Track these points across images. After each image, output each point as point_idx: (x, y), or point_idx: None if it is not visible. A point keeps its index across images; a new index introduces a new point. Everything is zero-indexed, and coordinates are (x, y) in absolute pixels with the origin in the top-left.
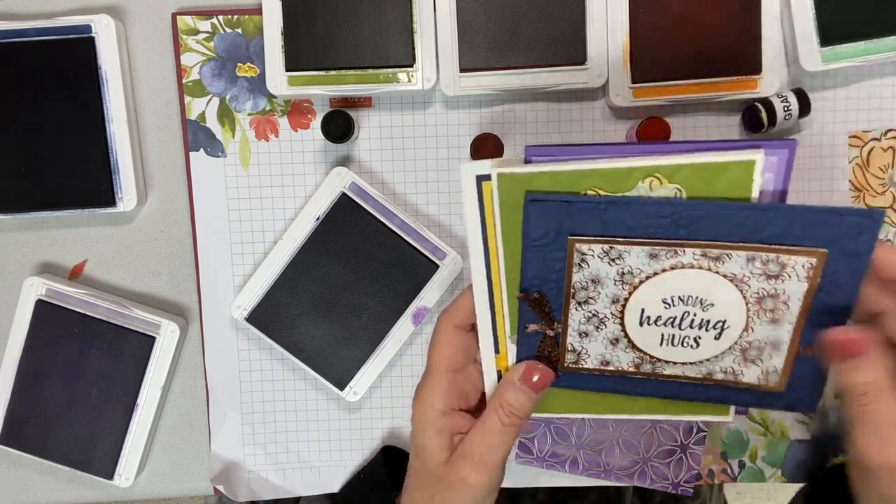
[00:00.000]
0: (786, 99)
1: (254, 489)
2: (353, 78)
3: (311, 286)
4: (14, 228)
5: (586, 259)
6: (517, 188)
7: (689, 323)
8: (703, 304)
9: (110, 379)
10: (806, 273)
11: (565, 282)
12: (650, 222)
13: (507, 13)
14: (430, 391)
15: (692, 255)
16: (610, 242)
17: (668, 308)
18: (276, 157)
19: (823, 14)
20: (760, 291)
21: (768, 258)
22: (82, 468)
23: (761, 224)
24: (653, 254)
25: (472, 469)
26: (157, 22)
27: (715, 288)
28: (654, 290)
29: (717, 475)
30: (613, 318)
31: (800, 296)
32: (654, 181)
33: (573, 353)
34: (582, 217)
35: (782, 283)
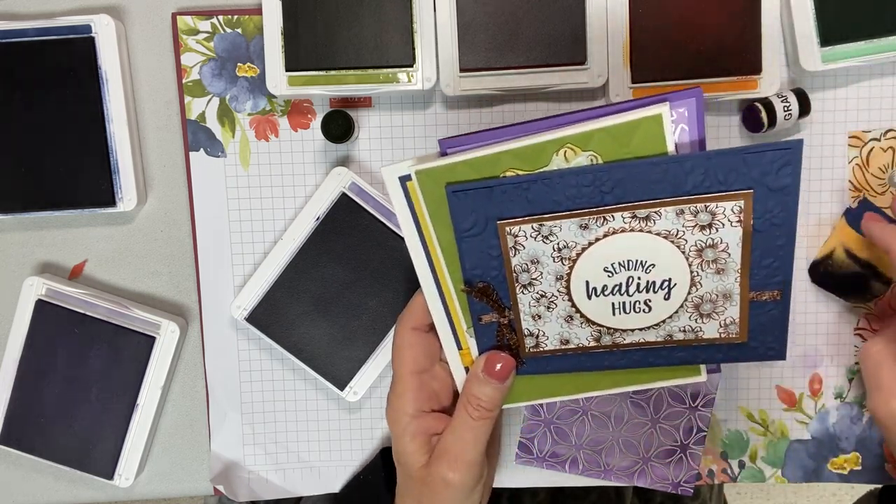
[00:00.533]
0: (786, 99)
1: (254, 489)
2: (353, 78)
3: (311, 286)
4: (14, 228)
5: (519, 241)
6: (438, 183)
7: (635, 287)
8: (645, 266)
9: (110, 379)
10: (737, 217)
11: (506, 267)
12: (573, 193)
13: (507, 13)
14: (399, 397)
15: (622, 218)
16: (538, 220)
17: (611, 276)
18: (276, 157)
19: (823, 14)
20: (698, 244)
21: (696, 209)
22: (82, 468)
23: (682, 175)
24: (583, 224)
25: (449, 468)
26: (157, 22)
27: (652, 248)
28: (593, 261)
29: (717, 475)
30: (561, 295)
31: (737, 241)
32: (569, 152)
33: (532, 338)
34: (506, 200)
35: (717, 231)
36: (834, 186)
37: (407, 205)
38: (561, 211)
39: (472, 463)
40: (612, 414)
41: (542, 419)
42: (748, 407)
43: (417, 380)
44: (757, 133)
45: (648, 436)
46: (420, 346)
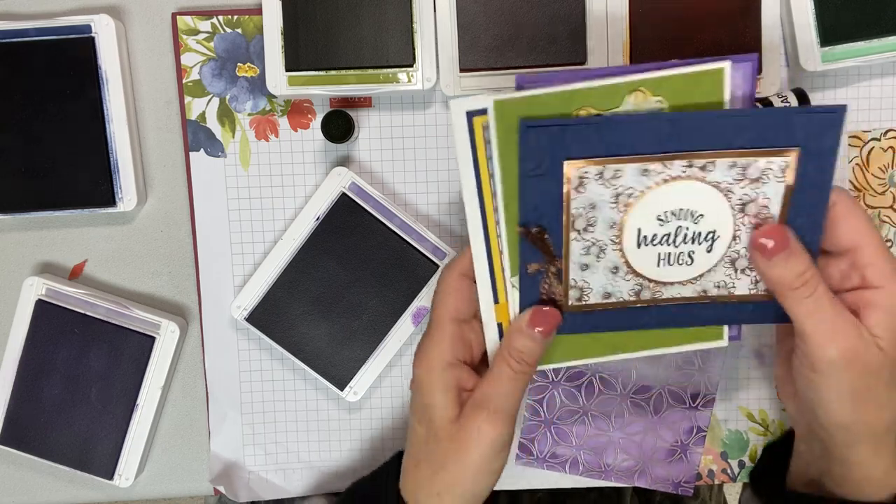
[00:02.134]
0: (786, 99)
1: (254, 489)
2: (353, 78)
3: (311, 286)
4: (14, 228)
5: (583, 182)
6: (512, 115)
7: (682, 238)
8: (694, 216)
9: (110, 379)
10: (783, 174)
11: (563, 210)
12: (638, 137)
13: (507, 13)
14: (436, 343)
15: (680, 167)
16: (604, 162)
17: (662, 224)
18: (276, 157)
19: (823, 14)
20: (743, 197)
21: (747, 162)
22: (82, 468)
23: (738, 129)
24: (644, 170)
25: (486, 420)
26: (157, 22)
27: (703, 198)
28: (647, 208)
29: (717, 475)
30: (612, 243)
31: (779, 198)
32: (639, 94)
33: (576, 290)
34: (575, 140)
35: (762, 185)
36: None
37: (470, 143)
38: (625, 154)
39: (510, 417)
40: (612, 414)
41: (542, 419)
42: (748, 407)
43: (457, 327)
44: None
45: (648, 436)
46: (465, 292)
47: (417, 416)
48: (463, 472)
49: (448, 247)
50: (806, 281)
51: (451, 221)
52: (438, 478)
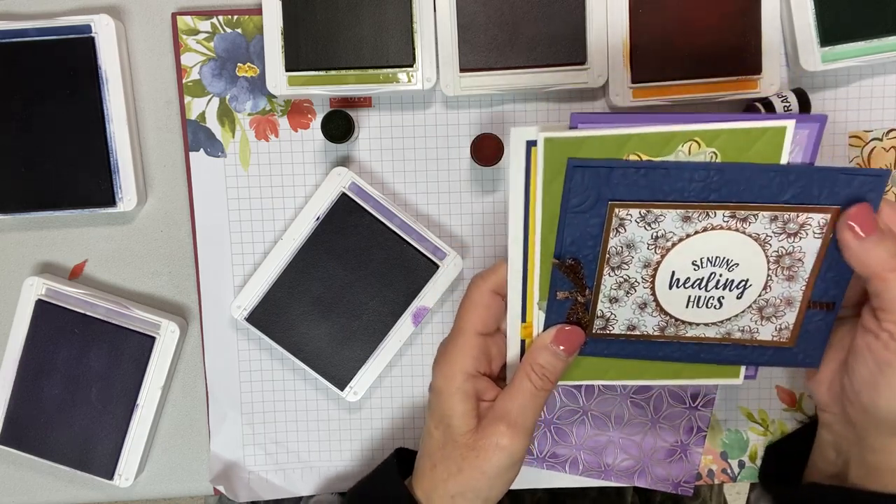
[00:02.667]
0: (786, 99)
1: (254, 489)
2: (353, 78)
3: (311, 286)
4: (14, 228)
5: (624, 224)
6: (562, 153)
7: (714, 283)
8: (729, 264)
9: (110, 379)
10: (821, 230)
11: (601, 247)
12: (685, 186)
13: (507, 13)
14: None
15: (722, 217)
16: (648, 206)
17: (696, 269)
18: (276, 157)
19: (823, 14)
20: (780, 250)
21: (789, 217)
22: (82, 468)
23: (785, 185)
24: (686, 216)
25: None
26: (157, 22)
27: (741, 248)
28: (685, 253)
29: (717, 475)
30: (644, 282)
31: (814, 252)
32: (693, 145)
33: (602, 319)
34: (621, 182)
35: (800, 240)
36: None
37: (524, 169)
38: (669, 201)
39: (528, 431)
40: (612, 414)
41: (542, 419)
42: (748, 407)
43: (482, 341)
44: None
45: (648, 436)
46: (493, 308)
47: (435, 420)
48: (478, 478)
49: (448, 247)
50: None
51: (451, 221)
52: (454, 481)
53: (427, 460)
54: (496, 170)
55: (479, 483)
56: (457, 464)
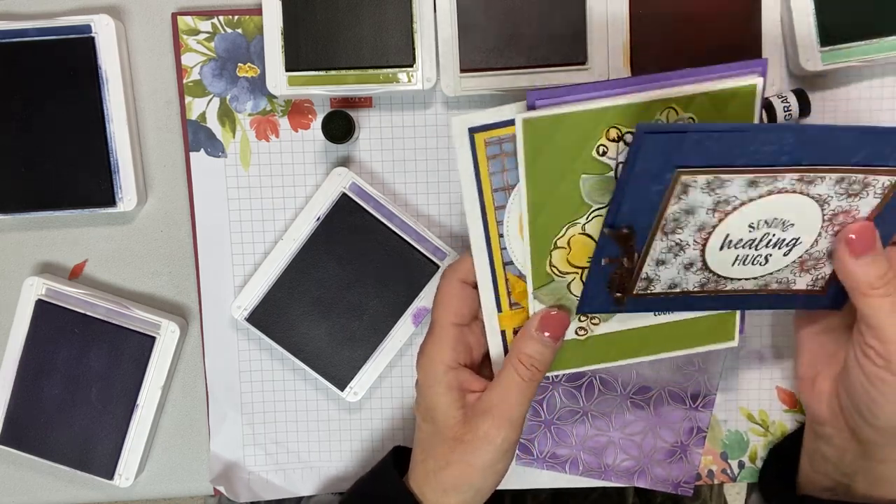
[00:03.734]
0: (786, 99)
1: (254, 489)
2: (352, 78)
3: (311, 286)
4: (14, 228)
5: (688, 191)
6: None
7: (766, 243)
8: (785, 224)
9: (110, 379)
10: (883, 190)
11: (658, 214)
12: (758, 149)
13: (507, 13)
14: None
15: (790, 180)
16: (716, 173)
17: (751, 231)
18: (276, 157)
19: (823, 14)
20: (837, 209)
21: (855, 178)
22: (82, 468)
23: (859, 146)
24: (753, 181)
25: (492, 425)
26: (157, 22)
27: (801, 209)
28: (743, 216)
29: (717, 475)
30: (695, 244)
31: (868, 210)
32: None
33: (645, 281)
34: (693, 149)
35: (859, 199)
36: None
37: (472, 158)
38: (738, 166)
39: (517, 422)
40: (612, 415)
41: (542, 420)
42: (748, 407)
43: (458, 331)
44: None
45: (648, 436)
46: (466, 298)
47: (422, 414)
48: (468, 471)
49: (448, 247)
50: (888, 282)
51: (452, 222)
52: (444, 474)
53: (419, 453)
54: None
55: (470, 475)
56: (445, 457)
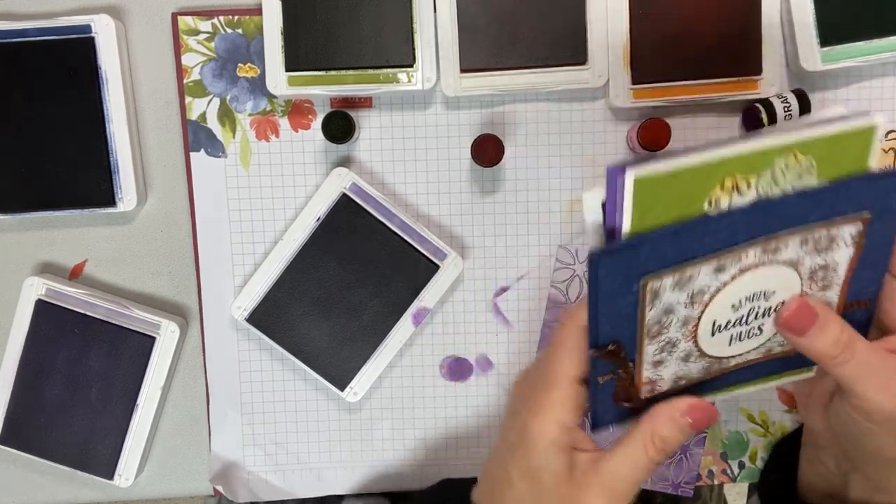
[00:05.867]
0: (786, 99)
1: (253, 490)
2: (352, 78)
3: (311, 287)
4: (14, 228)
5: (659, 295)
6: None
7: (754, 316)
8: (766, 294)
9: (110, 379)
10: (853, 239)
11: (638, 323)
12: (712, 237)
13: (507, 14)
14: (556, 405)
15: (754, 255)
16: (679, 269)
17: (736, 310)
18: (276, 157)
19: (823, 14)
20: (813, 266)
21: (819, 236)
22: (82, 468)
23: (809, 207)
24: (719, 267)
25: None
26: (157, 22)
27: (776, 277)
28: (722, 301)
29: (717, 476)
30: (685, 338)
31: (847, 259)
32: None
33: (649, 384)
34: (650, 255)
35: (832, 253)
36: None
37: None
38: (700, 255)
39: (626, 499)
40: None
41: None
42: (749, 408)
43: (577, 389)
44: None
45: None
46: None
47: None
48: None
49: (448, 248)
50: (843, 346)
51: (452, 222)
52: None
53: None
54: (496, 170)
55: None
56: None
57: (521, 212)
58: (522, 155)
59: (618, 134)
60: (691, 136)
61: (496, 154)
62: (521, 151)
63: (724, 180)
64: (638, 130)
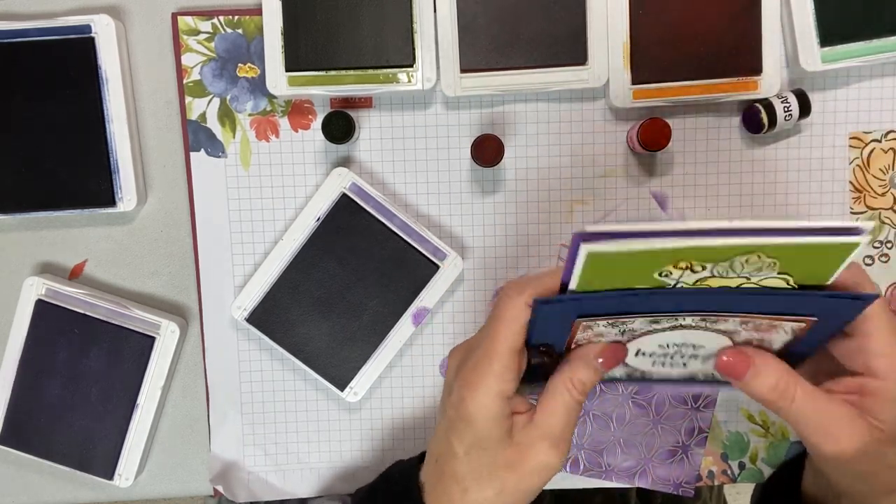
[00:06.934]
0: (786, 100)
1: (253, 490)
2: (352, 78)
3: (311, 287)
4: (14, 228)
5: (593, 326)
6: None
7: (680, 356)
8: (696, 347)
9: (110, 379)
10: (793, 332)
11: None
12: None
13: (507, 13)
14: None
15: (692, 321)
16: (615, 319)
17: (663, 349)
18: (276, 157)
19: (823, 14)
20: (748, 338)
21: (762, 322)
22: (82, 468)
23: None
24: (655, 320)
25: (550, 451)
26: (157, 22)
27: (709, 338)
28: (652, 340)
29: (718, 476)
30: None
31: (781, 343)
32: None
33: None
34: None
35: (770, 335)
36: (835, 188)
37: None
38: (638, 314)
39: (569, 444)
40: (613, 414)
41: None
42: (749, 408)
43: (517, 358)
44: (757, 134)
45: (650, 436)
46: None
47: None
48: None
49: (448, 248)
50: (781, 392)
51: (452, 222)
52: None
53: (454, 484)
54: (496, 170)
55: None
56: (493, 486)
57: (521, 212)
58: (522, 155)
59: (618, 134)
60: (691, 136)
61: (496, 154)
62: (521, 151)
63: (678, 262)
64: (638, 130)
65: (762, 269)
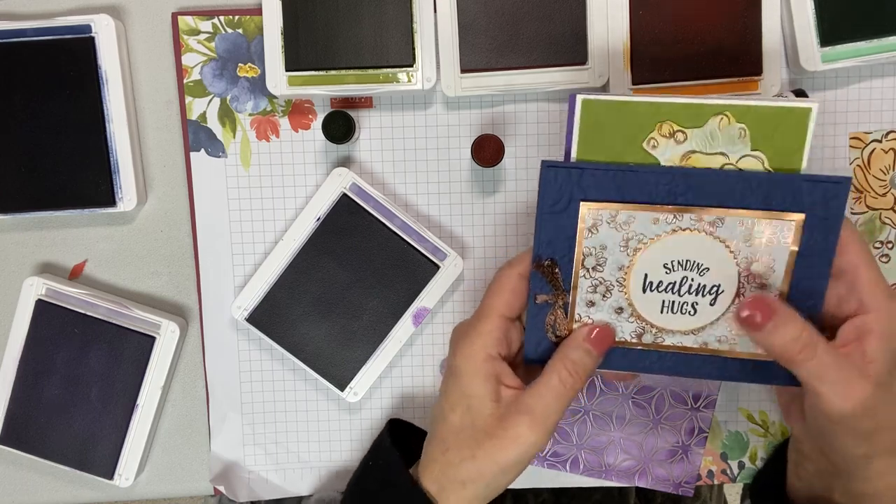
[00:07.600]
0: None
1: (254, 489)
2: (352, 78)
3: (311, 287)
4: (14, 228)
5: (596, 225)
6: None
7: (687, 288)
8: (700, 268)
9: (110, 379)
10: (787, 238)
11: (576, 248)
12: (652, 189)
13: (507, 13)
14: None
15: (689, 219)
16: (617, 207)
17: (668, 273)
18: (276, 157)
19: (823, 14)
20: (749, 257)
21: (753, 223)
22: (82, 468)
23: (747, 192)
24: (655, 219)
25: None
26: (157, 22)
27: (710, 251)
28: (655, 255)
29: (717, 476)
30: (619, 285)
31: (783, 261)
32: (724, 119)
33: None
34: (593, 184)
35: (768, 248)
36: None
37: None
38: (638, 202)
39: (550, 429)
40: (613, 414)
41: None
42: (748, 408)
43: (505, 324)
44: None
45: (650, 436)
46: (520, 293)
47: (451, 402)
48: (491, 467)
49: (449, 248)
50: (804, 344)
51: (452, 222)
52: (466, 466)
53: (438, 445)
54: (497, 170)
55: (491, 472)
56: (471, 449)
57: (521, 212)
58: (522, 155)
59: None
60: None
61: (496, 154)
62: (521, 151)
63: (662, 124)
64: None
65: (734, 142)
